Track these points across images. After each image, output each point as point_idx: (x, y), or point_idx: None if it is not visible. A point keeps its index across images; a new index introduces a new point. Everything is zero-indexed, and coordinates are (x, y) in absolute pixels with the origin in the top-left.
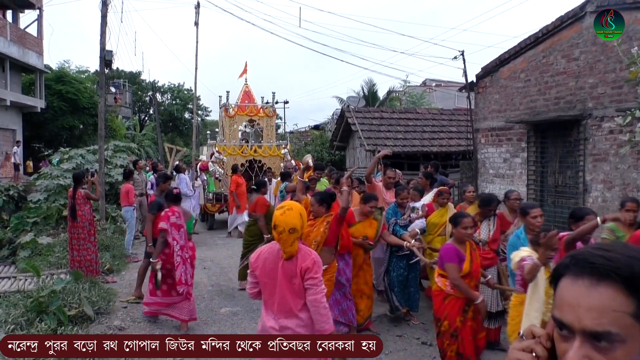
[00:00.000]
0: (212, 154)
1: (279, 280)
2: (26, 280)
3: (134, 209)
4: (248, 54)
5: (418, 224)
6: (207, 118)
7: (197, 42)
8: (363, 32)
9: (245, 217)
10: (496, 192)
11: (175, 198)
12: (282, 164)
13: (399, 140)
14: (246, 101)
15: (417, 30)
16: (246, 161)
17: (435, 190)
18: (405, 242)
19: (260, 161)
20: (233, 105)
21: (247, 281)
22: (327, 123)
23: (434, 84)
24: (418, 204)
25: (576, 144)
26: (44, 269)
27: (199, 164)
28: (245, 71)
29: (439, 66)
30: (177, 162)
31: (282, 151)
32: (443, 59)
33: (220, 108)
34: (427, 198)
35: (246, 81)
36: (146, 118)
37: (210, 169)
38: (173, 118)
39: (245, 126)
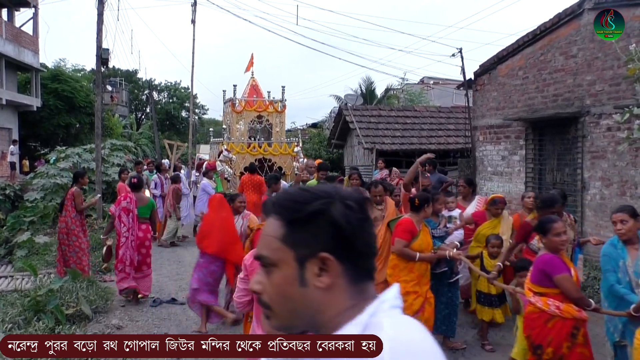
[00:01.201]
0: (220, 152)
1: None
2: (23, 279)
3: None
4: (245, 52)
5: (457, 236)
6: (205, 116)
7: (193, 39)
8: (361, 29)
9: None
10: (494, 190)
11: (134, 186)
12: (294, 164)
13: (397, 138)
14: (254, 96)
15: (415, 27)
16: (255, 160)
17: (477, 197)
18: (447, 252)
19: (270, 160)
20: (240, 100)
21: (237, 288)
22: (325, 121)
23: (431, 82)
24: (455, 213)
25: (574, 141)
26: (41, 268)
27: (205, 163)
28: (251, 64)
29: (437, 64)
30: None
31: (295, 149)
32: (441, 57)
33: (224, 103)
34: (471, 207)
35: (252, 74)
36: (143, 117)
37: (219, 169)
38: (170, 116)
39: (252, 122)
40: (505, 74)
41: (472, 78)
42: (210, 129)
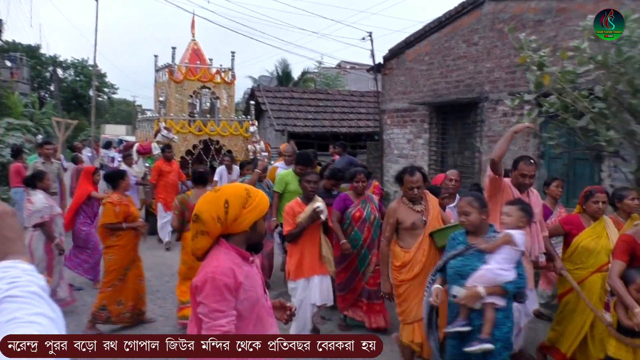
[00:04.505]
0: (158, 131)
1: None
2: None
3: (23, 190)
4: (155, 29)
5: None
6: (115, 96)
7: (97, 11)
8: (275, 11)
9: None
10: None
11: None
12: (249, 147)
13: (309, 120)
14: (197, 62)
15: (329, 11)
16: (200, 141)
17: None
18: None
19: (218, 142)
20: (180, 66)
21: None
22: (239, 103)
23: (348, 67)
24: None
25: (474, 125)
26: None
27: (137, 145)
28: (193, 26)
29: (354, 49)
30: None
31: (251, 129)
32: (354, 41)
33: (157, 71)
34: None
35: (194, 37)
36: (47, 95)
37: (155, 152)
38: (77, 95)
39: (195, 94)
40: (412, 59)
41: (382, 62)
42: (138, 105)
